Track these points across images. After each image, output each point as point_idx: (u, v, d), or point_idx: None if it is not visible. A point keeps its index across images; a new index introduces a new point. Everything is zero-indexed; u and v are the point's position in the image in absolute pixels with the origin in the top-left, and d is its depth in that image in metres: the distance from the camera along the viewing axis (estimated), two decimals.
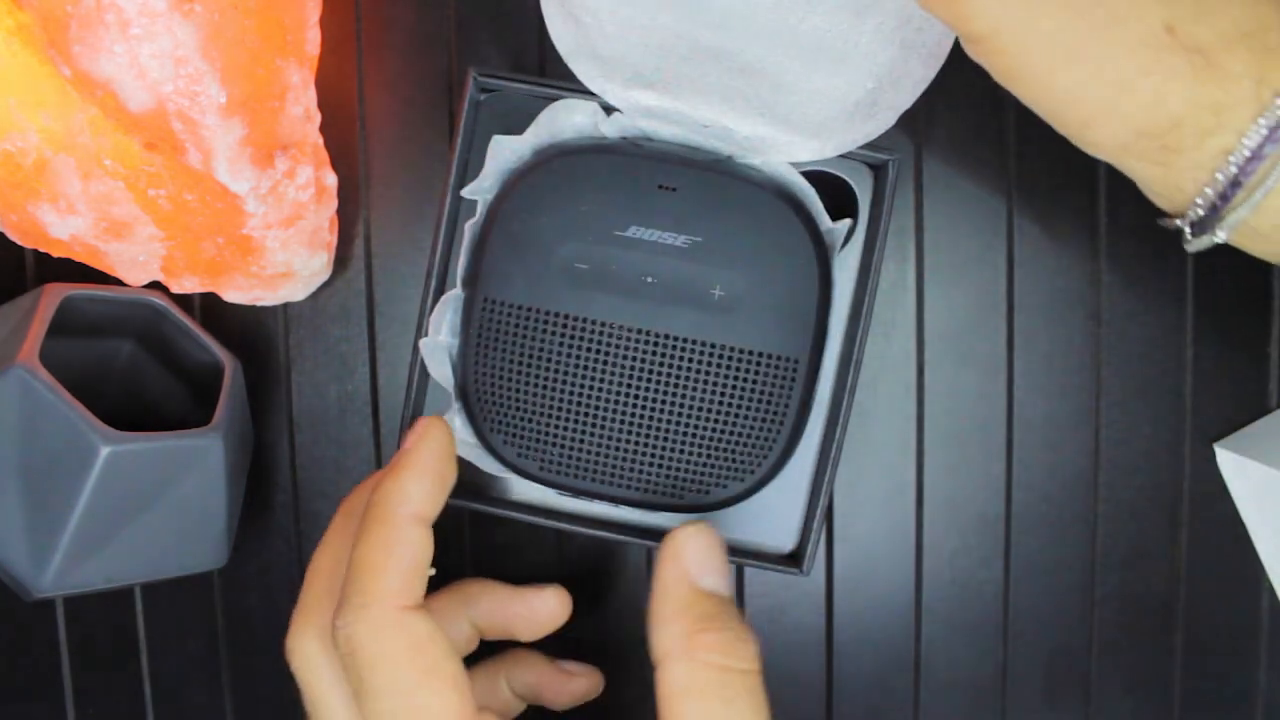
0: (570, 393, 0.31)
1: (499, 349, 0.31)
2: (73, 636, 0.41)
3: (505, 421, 0.31)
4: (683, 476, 0.31)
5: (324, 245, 0.38)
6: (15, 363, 0.32)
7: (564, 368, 0.31)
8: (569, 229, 0.30)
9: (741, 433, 0.31)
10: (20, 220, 0.36)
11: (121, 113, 0.32)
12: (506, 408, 0.31)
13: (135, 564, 0.34)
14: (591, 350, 0.31)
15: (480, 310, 0.31)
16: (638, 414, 0.31)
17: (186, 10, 0.31)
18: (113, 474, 0.32)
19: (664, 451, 0.31)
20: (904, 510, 0.40)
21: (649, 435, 0.31)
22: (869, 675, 0.41)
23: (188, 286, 0.38)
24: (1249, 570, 0.40)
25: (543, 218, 0.31)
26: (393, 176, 0.40)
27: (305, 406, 0.41)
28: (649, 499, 0.32)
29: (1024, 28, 0.25)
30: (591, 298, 0.31)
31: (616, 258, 0.30)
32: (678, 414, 0.31)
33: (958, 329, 0.39)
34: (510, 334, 0.31)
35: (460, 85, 0.39)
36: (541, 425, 0.31)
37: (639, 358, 0.31)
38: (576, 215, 0.30)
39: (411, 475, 0.27)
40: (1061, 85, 0.26)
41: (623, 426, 0.31)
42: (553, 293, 0.31)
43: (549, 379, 0.31)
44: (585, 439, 0.31)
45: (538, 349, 0.31)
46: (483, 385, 0.31)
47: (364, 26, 0.39)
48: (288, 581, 0.41)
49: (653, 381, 0.31)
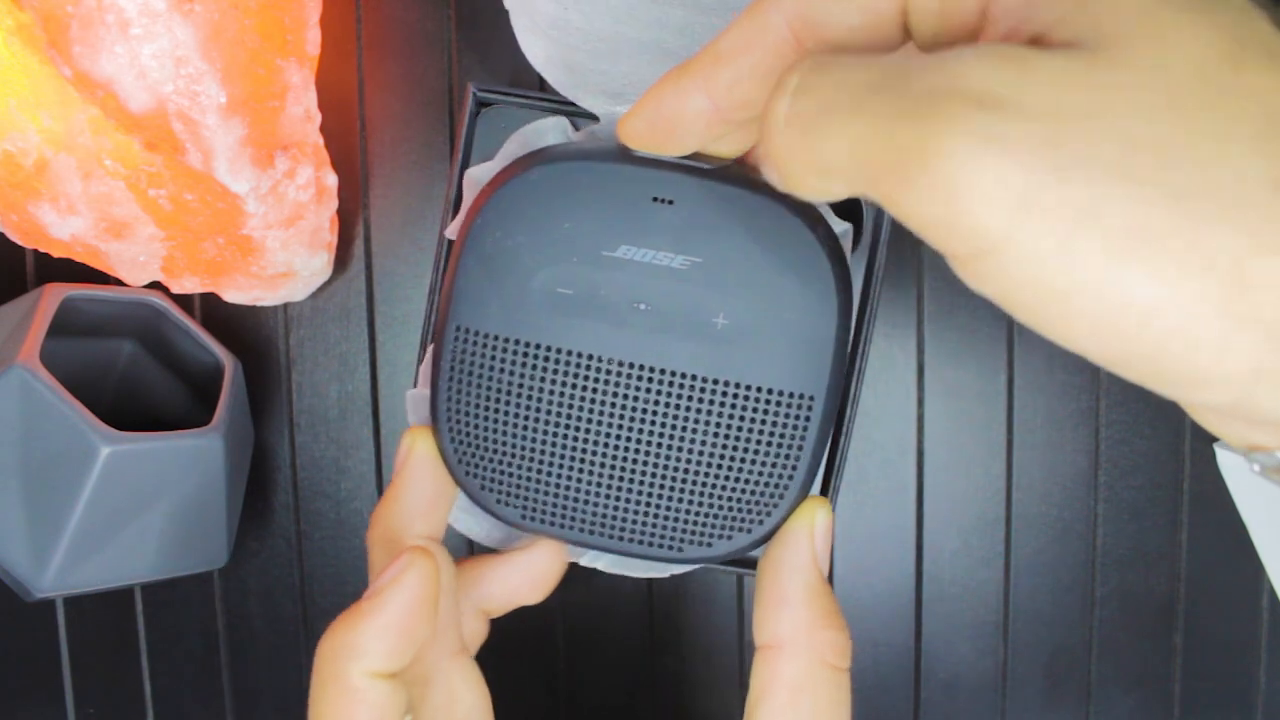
0: (554, 433, 0.27)
1: (474, 383, 0.27)
2: (73, 636, 0.41)
3: (482, 463, 0.28)
4: (682, 527, 0.28)
5: (324, 245, 0.38)
6: (15, 363, 0.32)
7: (546, 405, 0.27)
8: (550, 249, 0.27)
9: (749, 480, 0.27)
10: (20, 220, 0.36)
11: (121, 113, 0.32)
12: (483, 448, 0.28)
13: (135, 564, 0.34)
14: (577, 386, 0.27)
15: (453, 340, 0.27)
16: (630, 457, 0.27)
17: (186, 10, 0.31)
18: (113, 474, 0.32)
19: (660, 499, 0.28)
20: (904, 510, 0.40)
21: (643, 481, 0.28)
22: (869, 675, 0.41)
23: (188, 286, 0.38)
24: (1249, 570, 0.40)
25: (520, 236, 0.27)
26: (393, 176, 0.40)
27: (305, 406, 0.41)
28: (644, 550, 0.28)
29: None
30: (576, 327, 0.27)
31: (605, 281, 0.27)
32: (676, 458, 0.27)
33: (958, 329, 0.39)
34: (486, 367, 0.27)
35: (460, 86, 0.39)
36: (523, 468, 0.28)
37: (631, 395, 0.27)
38: (559, 233, 0.27)
39: (370, 626, 0.23)
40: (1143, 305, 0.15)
41: (614, 471, 0.27)
42: (532, 321, 0.27)
43: (530, 417, 0.27)
44: (571, 484, 0.28)
45: (517, 384, 0.27)
46: (457, 423, 0.28)
47: (364, 26, 0.39)
48: (288, 581, 0.41)
49: (646, 421, 0.27)
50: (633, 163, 0.27)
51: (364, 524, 0.41)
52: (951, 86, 0.16)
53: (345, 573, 0.41)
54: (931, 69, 0.16)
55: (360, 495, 0.41)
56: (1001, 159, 0.15)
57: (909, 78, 0.16)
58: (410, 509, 0.26)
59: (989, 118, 0.15)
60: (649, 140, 0.24)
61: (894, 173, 0.16)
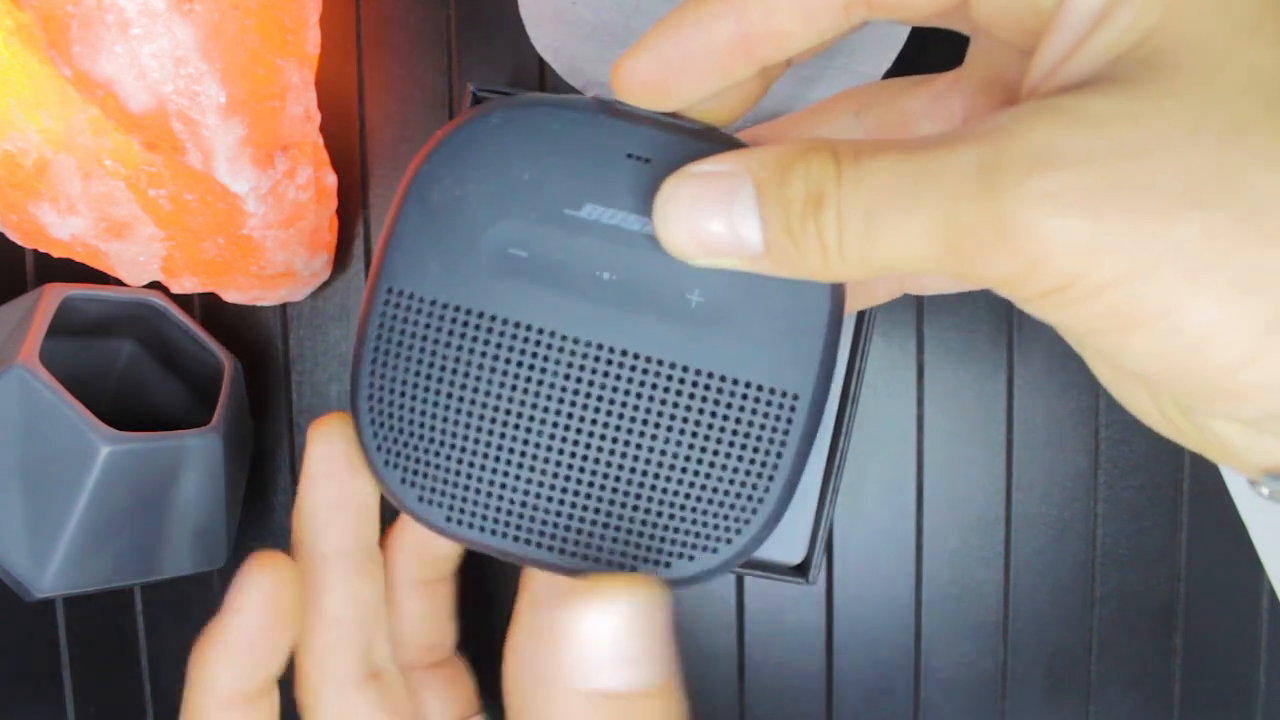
0: (492, 420, 0.23)
1: (404, 356, 0.23)
2: (73, 636, 0.41)
3: (405, 452, 0.24)
4: (636, 541, 0.23)
5: (324, 245, 0.38)
6: (15, 363, 0.32)
7: (486, 386, 0.23)
8: (504, 202, 0.23)
9: (717, 489, 0.23)
10: (20, 220, 0.36)
11: (121, 113, 0.32)
12: (408, 434, 0.23)
13: (135, 564, 0.34)
14: (524, 365, 0.23)
15: (382, 304, 0.23)
16: (579, 453, 0.23)
17: (186, 10, 0.31)
18: (113, 474, 0.32)
19: (612, 507, 0.23)
20: (904, 510, 0.40)
21: (592, 483, 0.23)
22: (869, 675, 0.41)
23: (188, 286, 0.38)
24: (1249, 570, 0.40)
25: (471, 185, 0.23)
26: (393, 176, 0.40)
27: (305, 406, 0.41)
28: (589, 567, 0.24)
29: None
30: (528, 295, 0.23)
31: (564, 244, 0.23)
32: (633, 457, 0.23)
33: (958, 329, 0.39)
34: (419, 337, 0.23)
35: (460, 86, 0.39)
36: (453, 460, 0.23)
37: (586, 379, 0.23)
38: (517, 184, 0.23)
39: (216, 655, 0.22)
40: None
41: (559, 469, 0.23)
42: (477, 286, 0.23)
43: (466, 400, 0.23)
44: (509, 482, 0.23)
45: (453, 359, 0.23)
46: (379, 403, 0.23)
47: (364, 26, 0.39)
48: None
49: (601, 412, 0.23)
50: (609, 114, 0.23)
51: None
52: (1006, 156, 0.16)
53: None
54: (981, 140, 0.16)
55: None
56: (1069, 214, 0.15)
57: (958, 156, 0.16)
58: (319, 517, 0.23)
59: (1049, 180, 0.16)
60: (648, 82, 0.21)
61: (963, 252, 0.17)
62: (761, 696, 0.41)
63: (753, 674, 0.41)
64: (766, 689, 0.41)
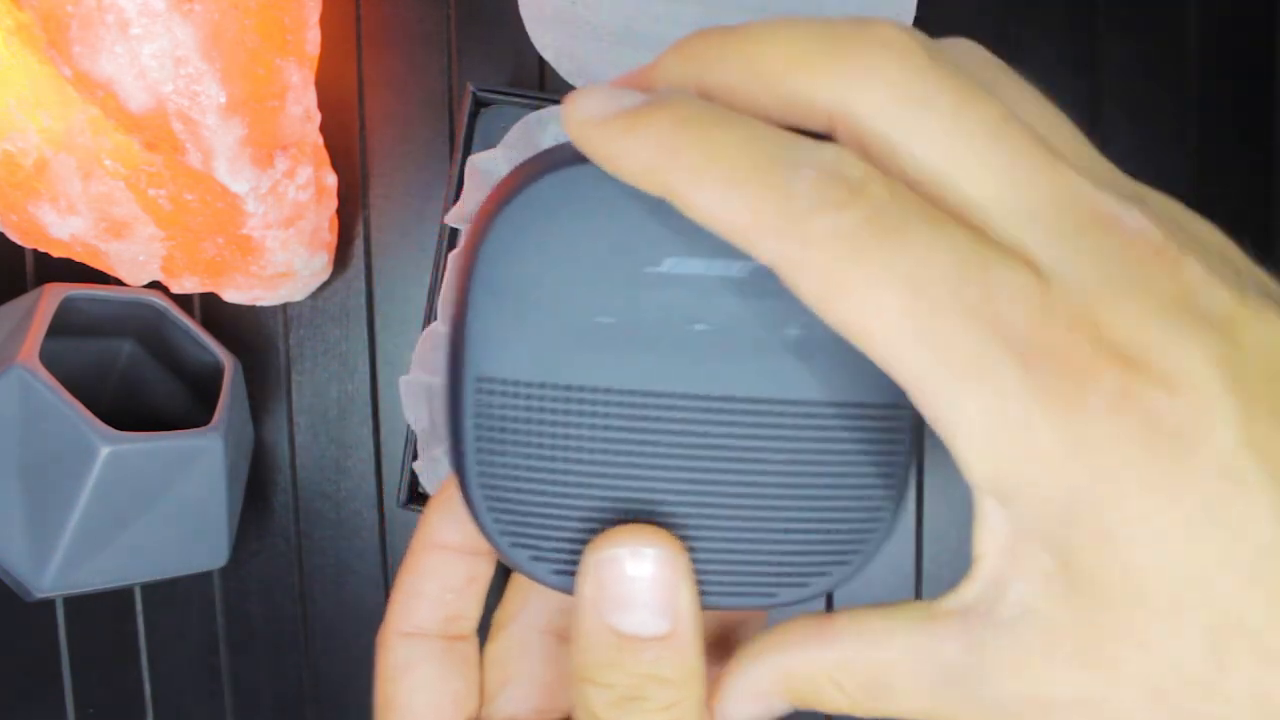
0: (612, 485, 0.23)
1: (508, 441, 0.23)
2: (73, 636, 0.41)
3: (530, 532, 0.23)
4: (772, 570, 0.24)
5: (324, 245, 0.38)
6: (15, 363, 0.32)
7: (599, 456, 0.23)
8: (580, 271, 0.22)
9: (841, 507, 0.24)
10: (20, 220, 0.36)
11: (121, 113, 0.32)
12: (529, 514, 0.23)
13: (135, 564, 0.34)
14: (634, 431, 0.23)
15: (475, 394, 0.23)
16: (703, 502, 0.23)
17: (186, 10, 0.31)
18: (113, 474, 0.32)
19: (742, 544, 0.24)
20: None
21: (721, 526, 0.23)
22: None
23: (188, 286, 0.38)
24: None
25: (539, 260, 0.22)
26: (393, 176, 0.40)
27: (305, 406, 0.41)
28: (732, 603, 0.24)
29: None
30: (624, 361, 0.22)
31: (651, 303, 0.22)
32: (756, 495, 0.23)
33: None
34: (520, 420, 0.23)
35: (460, 85, 0.39)
36: (580, 531, 0.23)
37: (697, 431, 0.23)
38: (587, 251, 0.22)
39: (445, 506, 0.24)
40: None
41: (686, 520, 0.23)
42: (571, 361, 0.22)
43: (581, 471, 0.23)
44: None
45: (560, 435, 0.23)
46: (493, 489, 0.23)
47: (364, 26, 0.39)
48: (288, 581, 0.41)
49: (718, 459, 0.23)
50: None
51: (364, 524, 0.41)
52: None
53: (344, 573, 0.41)
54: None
55: (360, 495, 0.41)
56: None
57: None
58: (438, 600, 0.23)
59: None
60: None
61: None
62: None
63: None
64: None
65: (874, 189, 0.15)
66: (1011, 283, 0.15)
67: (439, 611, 0.23)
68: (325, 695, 0.41)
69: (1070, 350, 0.14)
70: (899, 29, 0.16)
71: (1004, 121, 0.15)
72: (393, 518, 0.41)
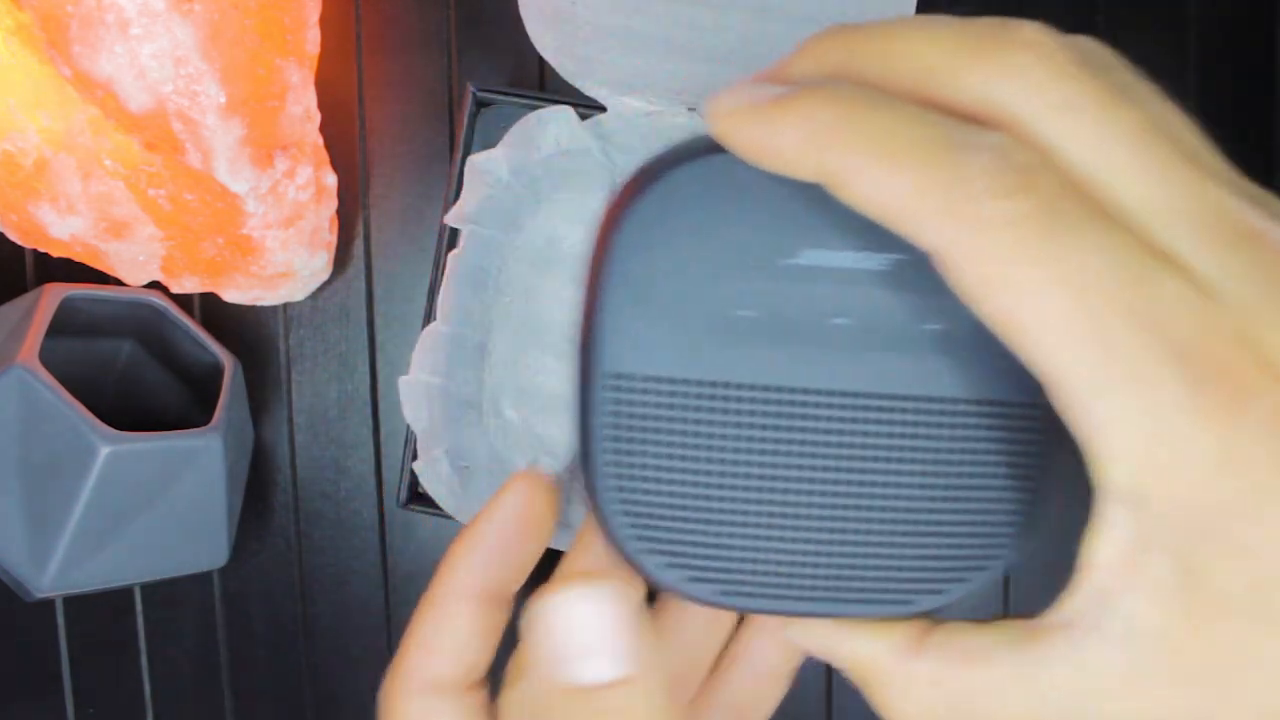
0: (749, 486, 0.22)
1: (643, 441, 0.22)
2: (73, 636, 0.41)
3: (663, 536, 0.22)
4: (910, 576, 0.23)
5: (324, 245, 0.38)
6: (15, 363, 0.32)
7: (736, 455, 0.22)
8: (717, 265, 0.21)
9: (984, 509, 0.23)
10: (20, 220, 0.36)
11: (121, 113, 0.32)
12: (663, 518, 0.22)
13: (135, 564, 0.34)
14: (772, 428, 0.22)
15: (608, 392, 0.22)
16: (839, 503, 0.22)
17: (186, 10, 0.31)
18: (113, 474, 0.32)
19: (882, 550, 0.23)
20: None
21: (860, 531, 0.23)
22: None
23: (188, 286, 0.38)
24: None
25: (676, 254, 0.21)
26: (393, 176, 0.40)
27: (305, 406, 0.41)
28: (867, 611, 0.23)
29: None
30: (763, 355, 0.22)
31: (791, 295, 0.21)
32: (896, 496, 0.22)
33: None
34: (655, 418, 0.22)
35: (460, 86, 0.39)
36: (716, 535, 0.22)
37: (838, 429, 0.22)
38: (723, 244, 0.21)
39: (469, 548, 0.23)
40: None
41: (826, 524, 0.22)
42: (710, 356, 0.22)
43: (718, 471, 0.22)
44: (776, 545, 0.23)
45: (699, 434, 0.22)
46: (626, 493, 0.22)
47: (364, 26, 0.39)
48: (288, 581, 0.41)
49: (858, 458, 0.22)
50: None
51: (364, 524, 0.41)
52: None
53: (345, 573, 0.41)
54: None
55: (360, 495, 0.41)
56: None
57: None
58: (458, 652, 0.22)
59: None
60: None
61: None
62: None
63: None
64: None
65: (1045, 179, 0.15)
66: (1176, 292, 0.15)
67: (459, 664, 0.22)
68: (325, 695, 0.42)
69: (1232, 364, 0.14)
70: (1042, 29, 0.16)
71: (1150, 129, 0.15)
72: (393, 518, 0.41)
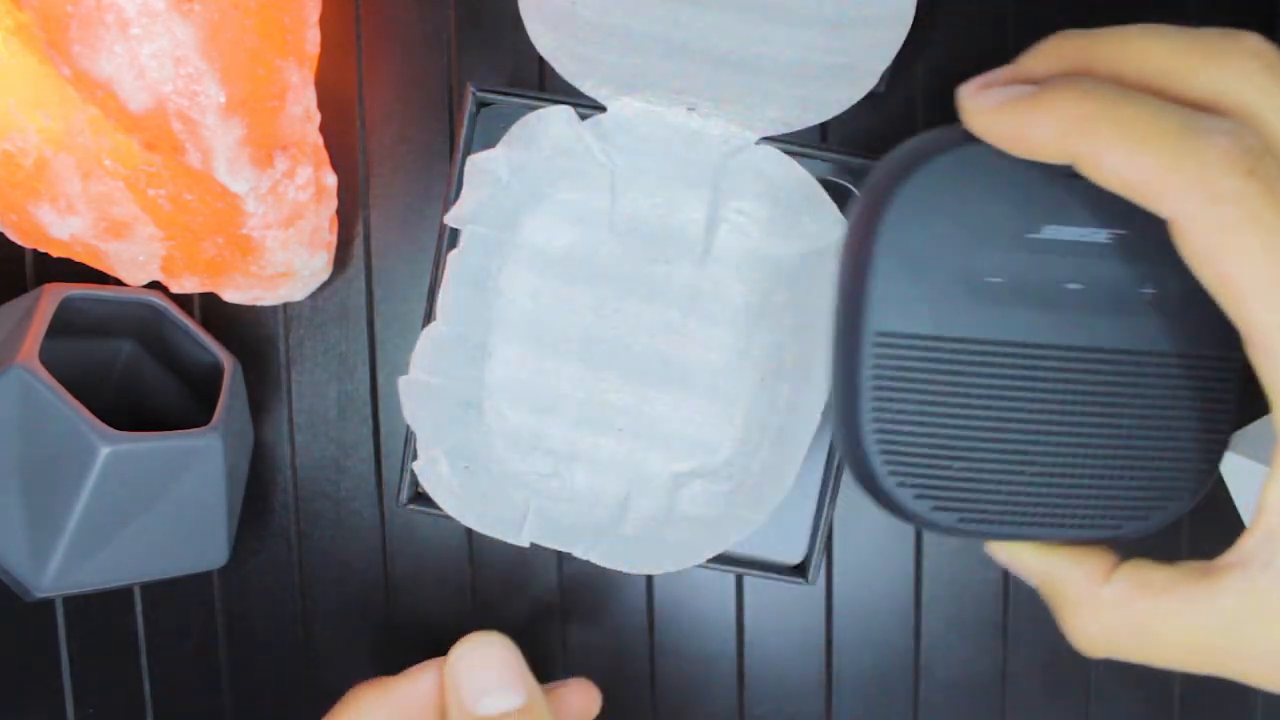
0: (988, 430, 0.26)
1: (904, 389, 0.26)
2: (73, 636, 0.41)
3: (915, 471, 0.26)
4: (1120, 505, 0.27)
5: (324, 245, 0.38)
6: (15, 363, 0.32)
7: (979, 402, 0.26)
8: (974, 237, 0.25)
9: (1183, 448, 0.27)
10: (20, 220, 0.36)
11: (121, 113, 0.32)
12: (916, 457, 0.26)
13: (135, 564, 0.34)
14: (1013, 378, 0.26)
15: (875, 347, 0.25)
16: (1066, 443, 0.26)
17: (186, 10, 0.31)
18: (113, 474, 0.32)
19: (1097, 481, 0.27)
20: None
21: (1080, 465, 0.27)
22: (869, 675, 0.41)
23: (188, 286, 0.38)
24: None
25: (939, 227, 0.25)
26: (393, 176, 0.40)
27: (305, 406, 0.41)
28: (1080, 535, 0.27)
29: None
30: (1009, 316, 0.26)
31: (1033, 265, 0.25)
32: (1112, 437, 0.26)
33: None
34: (914, 370, 0.26)
35: (460, 86, 0.39)
36: (958, 471, 0.26)
37: (1065, 380, 0.26)
38: (979, 220, 0.25)
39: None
40: None
41: (1050, 460, 0.26)
42: (967, 316, 0.26)
43: (963, 416, 0.26)
44: (1008, 479, 0.26)
45: (948, 383, 0.26)
46: (886, 433, 0.26)
47: (364, 26, 0.39)
48: (288, 581, 0.41)
49: (1081, 405, 0.26)
50: None
51: (364, 524, 0.41)
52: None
53: (344, 573, 0.41)
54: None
55: (360, 495, 0.41)
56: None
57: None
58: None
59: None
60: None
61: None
62: (761, 696, 0.41)
63: (753, 674, 0.41)
64: (766, 689, 0.41)
65: (1269, 163, 0.19)
66: None
67: None
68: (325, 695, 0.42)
69: None
70: (1264, 41, 0.20)
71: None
72: (393, 518, 0.41)
